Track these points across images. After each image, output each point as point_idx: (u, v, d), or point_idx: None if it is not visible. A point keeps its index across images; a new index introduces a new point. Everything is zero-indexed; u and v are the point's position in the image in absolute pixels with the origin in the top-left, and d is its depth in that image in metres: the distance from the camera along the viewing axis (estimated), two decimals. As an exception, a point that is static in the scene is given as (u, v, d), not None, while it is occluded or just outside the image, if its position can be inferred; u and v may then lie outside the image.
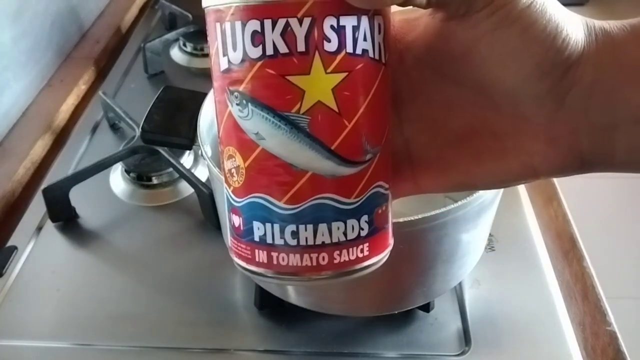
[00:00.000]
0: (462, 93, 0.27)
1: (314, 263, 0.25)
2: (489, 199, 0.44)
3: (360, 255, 0.26)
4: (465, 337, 0.52)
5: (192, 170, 0.67)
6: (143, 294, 0.57)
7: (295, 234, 0.25)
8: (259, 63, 0.24)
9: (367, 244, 0.26)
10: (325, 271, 0.26)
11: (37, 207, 0.66)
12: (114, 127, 0.78)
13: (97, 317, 0.55)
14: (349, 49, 0.24)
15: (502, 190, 0.47)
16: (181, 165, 0.65)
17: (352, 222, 0.26)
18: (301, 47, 0.23)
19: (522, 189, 0.67)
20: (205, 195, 0.61)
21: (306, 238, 0.25)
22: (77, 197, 0.64)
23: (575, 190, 1.38)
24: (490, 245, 0.59)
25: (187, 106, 0.55)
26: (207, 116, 0.52)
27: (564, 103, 0.25)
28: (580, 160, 0.25)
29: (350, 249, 0.26)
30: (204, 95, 0.52)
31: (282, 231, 0.25)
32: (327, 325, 0.53)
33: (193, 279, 0.58)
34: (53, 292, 0.57)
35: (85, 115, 0.82)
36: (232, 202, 0.27)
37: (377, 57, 0.25)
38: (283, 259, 0.26)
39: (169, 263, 0.60)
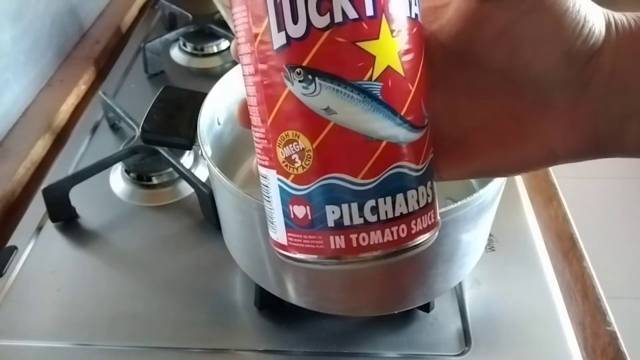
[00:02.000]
0: (488, 80, 0.27)
1: (395, 237, 0.25)
2: (489, 199, 0.44)
3: (430, 222, 0.26)
4: (465, 337, 0.52)
5: (192, 170, 0.67)
6: (143, 294, 0.57)
7: (375, 210, 0.24)
8: (327, 32, 0.23)
9: (432, 211, 0.26)
10: (406, 243, 0.25)
11: (37, 207, 0.66)
12: (114, 127, 0.78)
13: (97, 317, 0.55)
14: (407, 12, 0.24)
15: (502, 190, 0.47)
16: (181, 165, 0.65)
17: (421, 189, 0.25)
18: (370, 11, 0.23)
19: (522, 189, 0.67)
20: (205, 195, 0.61)
21: (386, 212, 0.24)
22: (77, 197, 0.64)
23: (575, 190, 1.38)
24: (490, 245, 0.59)
25: (187, 106, 0.55)
26: (207, 116, 0.52)
27: (586, 90, 0.25)
28: (595, 146, 0.26)
29: (424, 216, 0.26)
30: (204, 95, 0.52)
31: (360, 209, 0.24)
32: (327, 325, 0.53)
33: (193, 279, 0.58)
34: (53, 292, 0.57)
35: (85, 115, 0.82)
36: (293, 192, 0.25)
37: (422, 22, 0.26)
38: (364, 239, 0.25)
39: (169, 263, 0.60)
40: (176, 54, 0.94)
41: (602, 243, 1.56)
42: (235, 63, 0.72)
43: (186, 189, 0.68)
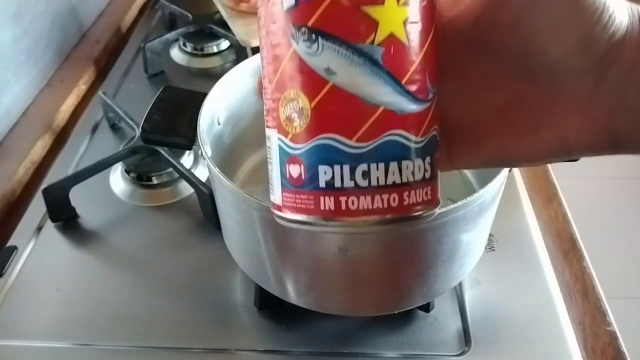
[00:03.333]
0: (503, 67, 0.27)
1: (385, 205, 0.25)
2: (489, 199, 0.44)
3: (425, 198, 0.26)
4: (465, 337, 0.52)
5: (192, 170, 0.67)
6: (143, 294, 0.57)
7: (366, 174, 0.24)
8: None
9: (429, 188, 0.26)
10: (396, 213, 0.25)
11: (37, 207, 0.66)
12: (114, 127, 0.78)
13: (97, 317, 0.55)
14: None
15: (502, 190, 0.47)
16: (181, 165, 0.65)
17: (418, 162, 0.25)
18: None
19: (522, 189, 0.67)
20: (205, 195, 0.61)
21: (377, 178, 0.24)
22: (77, 197, 0.64)
23: (575, 190, 1.38)
24: (490, 245, 0.59)
25: (187, 106, 0.55)
26: (207, 116, 0.52)
27: (604, 81, 0.25)
28: (612, 140, 0.25)
29: (418, 190, 0.25)
30: (204, 95, 0.52)
31: (352, 172, 0.24)
32: (327, 325, 0.53)
33: (193, 279, 0.58)
34: (53, 292, 0.57)
35: (85, 115, 0.82)
36: (290, 150, 0.26)
37: (434, 0, 0.26)
38: (353, 203, 0.25)
39: (169, 263, 0.60)
40: (176, 54, 0.94)
41: (602, 243, 1.56)
42: (235, 63, 0.72)
43: (186, 189, 0.68)
